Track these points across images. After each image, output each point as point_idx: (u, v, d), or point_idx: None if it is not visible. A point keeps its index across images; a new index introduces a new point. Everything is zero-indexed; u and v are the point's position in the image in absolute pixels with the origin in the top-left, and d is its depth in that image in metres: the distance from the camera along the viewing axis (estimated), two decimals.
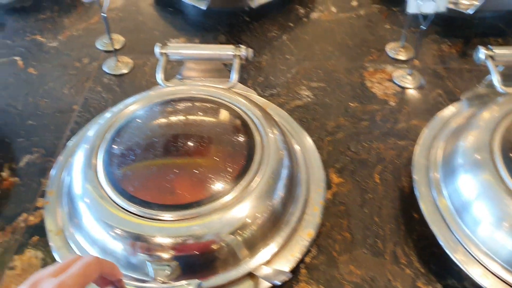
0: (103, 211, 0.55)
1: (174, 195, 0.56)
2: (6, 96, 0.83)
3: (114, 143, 0.61)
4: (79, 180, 0.59)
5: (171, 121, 0.65)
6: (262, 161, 0.59)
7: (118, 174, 0.58)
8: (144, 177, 0.58)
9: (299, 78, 0.85)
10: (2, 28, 0.96)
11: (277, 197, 0.58)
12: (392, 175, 0.71)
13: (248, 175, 0.57)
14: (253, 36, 0.94)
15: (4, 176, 0.71)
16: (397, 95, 0.82)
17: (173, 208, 0.55)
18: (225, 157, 0.60)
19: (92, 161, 0.60)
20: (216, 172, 0.57)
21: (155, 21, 0.98)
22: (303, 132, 0.72)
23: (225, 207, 0.55)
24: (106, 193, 0.56)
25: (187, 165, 0.59)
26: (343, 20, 0.97)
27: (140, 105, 0.66)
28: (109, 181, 0.57)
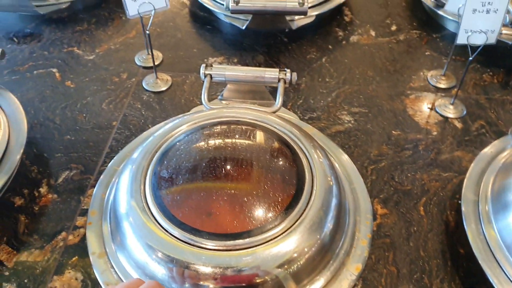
0: (148, 233, 0.54)
1: (221, 223, 0.55)
2: (44, 108, 0.82)
3: (161, 166, 0.60)
4: (125, 200, 0.58)
5: (218, 145, 0.63)
6: (312, 191, 0.57)
7: (165, 197, 0.57)
8: (191, 202, 0.57)
9: (340, 102, 0.84)
10: (39, 39, 0.96)
11: (327, 229, 0.56)
12: (437, 207, 0.69)
13: (298, 205, 0.55)
14: (291, 58, 0.93)
15: (43, 192, 0.70)
16: (440, 125, 0.81)
17: (219, 236, 0.53)
18: (274, 185, 0.58)
19: (140, 182, 0.58)
20: (265, 201, 0.56)
21: (193, 39, 0.97)
22: (347, 159, 0.71)
23: (272, 240, 0.53)
24: (153, 215, 0.55)
25: (235, 192, 0.57)
26: (383, 44, 0.96)
27: (186, 127, 0.65)
28: (156, 204, 0.56)
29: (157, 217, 0.55)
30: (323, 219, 0.56)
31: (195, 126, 0.66)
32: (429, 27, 1.00)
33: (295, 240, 0.54)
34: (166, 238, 0.53)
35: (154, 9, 0.77)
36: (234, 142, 0.63)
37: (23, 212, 0.68)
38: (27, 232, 0.65)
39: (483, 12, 0.72)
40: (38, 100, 0.84)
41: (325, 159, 0.63)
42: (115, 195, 0.60)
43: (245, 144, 0.64)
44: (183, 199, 0.57)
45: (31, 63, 0.90)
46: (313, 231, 0.55)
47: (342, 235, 0.59)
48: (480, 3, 0.71)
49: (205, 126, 0.66)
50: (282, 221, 0.54)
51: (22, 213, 0.67)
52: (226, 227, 0.54)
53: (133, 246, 0.55)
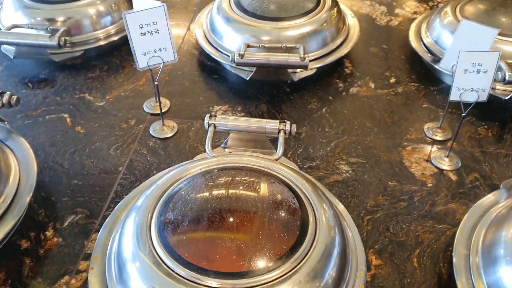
0: (153, 276, 0.55)
1: (224, 264, 0.56)
2: (53, 153, 0.86)
3: (166, 210, 0.62)
4: (130, 244, 0.59)
5: (223, 189, 0.65)
6: (315, 237, 0.59)
7: (170, 241, 0.58)
8: (195, 245, 0.58)
9: (338, 152, 0.87)
10: (53, 84, 1.01)
11: (328, 277, 0.57)
12: (430, 259, 0.71)
13: (299, 250, 0.57)
14: (293, 107, 0.97)
15: (48, 236, 0.73)
16: (435, 177, 0.83)
17: (221, 276, 0.55)
18: (277, 230, 0.59)
19: (145, 226, 0.60)
20: (268, 244, 0.57)
21: (200, 87, 1.02)
22: (343, 210, 0.73)
23: (272, 282, 0.54)
24: (159, 257, 0.56)
25: (240, 235, 0.59)
26: (381, 96, 1.00)
27: (191, 173, 0.68)
28: (162, 247, 0.57)
29: (164, 258, 0.56)
30: (324, 267, 0.57)
31: (200, 172, 0.68)
32: (427, 80, 1.04)
33: (295, 284, 0.54)
34: (171, 281, 0.54)
35: (163, 62, 0.82)
36: (239, 188, 0.65)
37: (28, 255, 0.70)
38: (31, 275, 0.67)
39: (473, 72, 0.75)
40: (49, 144, 0.87)
41: (330, 209, 0.64)
42: (120, 240, 0.63)
43: (249, 190, 0.65)
44: (188, 242, 0.58)
45: (44, 108, 0.95)
46: (313, 278, 0.56)
47: (343, 284, 0.60)
48: (471, 64, 0.75)
49: (209, 171, 0.68)
50: (283, 264, 0.55)
51: (27, 256, 0.70)
52: (229, 268, 0.56)
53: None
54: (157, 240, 0.58)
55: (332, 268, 0.59)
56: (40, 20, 1.04)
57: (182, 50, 1.12)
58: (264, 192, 0.66)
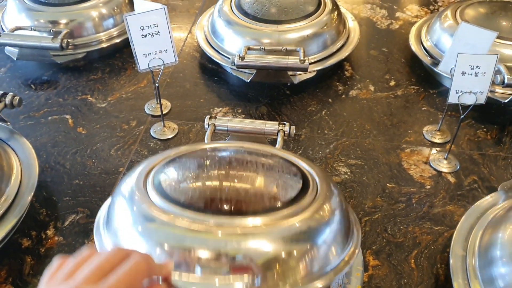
0: None
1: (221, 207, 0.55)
2: (55, 153, 0.87)
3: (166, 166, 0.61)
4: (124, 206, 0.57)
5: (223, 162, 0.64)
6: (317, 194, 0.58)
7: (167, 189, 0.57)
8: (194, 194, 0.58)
9: (337, 154, 0.88)
10: (55, 86, 1.02)
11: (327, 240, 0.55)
12: (427, 261, 0.71)
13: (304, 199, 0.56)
14: (292, 109, 0.98)
15: (49, 234, 0.73)
16: (433, 179, 0.84)
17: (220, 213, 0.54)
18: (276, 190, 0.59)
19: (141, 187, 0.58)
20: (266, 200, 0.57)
21: (201, 89, 1.03)
22: None
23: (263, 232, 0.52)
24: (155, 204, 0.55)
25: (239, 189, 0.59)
26: (381, 99, 1.01)
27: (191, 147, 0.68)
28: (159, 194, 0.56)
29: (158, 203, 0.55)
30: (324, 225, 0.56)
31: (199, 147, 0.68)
32: (427, 83, 1.05)
33: None
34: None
35: (164, 64, 0.83)
36: (239, 157, 0.64)
37: (29, 253, 0.71)
38: (32, 273, 0.68)
39: (471, 75, 0.76)
40: (51, 145, 0.88)
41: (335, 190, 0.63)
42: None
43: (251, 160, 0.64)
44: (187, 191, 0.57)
45: (46, 109, 0.96)
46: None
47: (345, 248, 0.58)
48: (469, 66, 0.75)
49: (208, 148, 0.68)
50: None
51: (28, 254, 0.71)
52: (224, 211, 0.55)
53: None
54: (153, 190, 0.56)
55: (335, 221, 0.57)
56: (43, 22, 1.05)
57: (184, 52, 1.13)
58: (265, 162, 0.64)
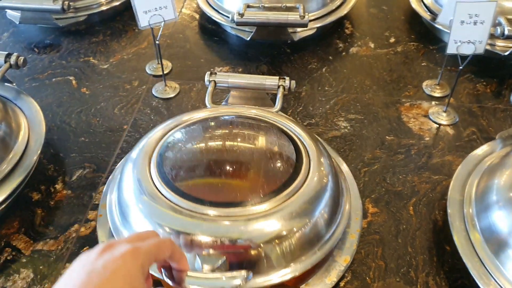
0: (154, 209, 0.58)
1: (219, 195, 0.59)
2: (61, 113, 0.89)
3: (165, 153, 0.64)
4: (130, 186, 0.61)
5: (221, 132, 0.68)
6: (309, 177, 0.60)
7: (170, 175, 0.60)
8: (193, 179, 0.61)
9: (337, 110, 0.89)
10: (58, 49, 1.03)
11: (318, 215, 0.59)
12: (426, 208, 0.73)
13: (293, 186, 0.59)
14: (293, 67, 0.98)
15: (58, 188, 0.76)
16: (432, 131, 0.85)
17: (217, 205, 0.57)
18: (272, 170, 0.62)
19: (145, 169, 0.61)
20: (263, 179, 0.60)
21: (201, 49, 1.03)
22: (340, 161, 0.75)
23: (264, 214, 0.56)
24: (159, 191, 0.59)
25: (235, 172, 0.61)
26: (381, 55, 1.01)
27: (189, 120, 0.70)
28: (162, 181, 0.59)
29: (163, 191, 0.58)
30: (315, 204, 0.59)
31: (199, 119, 0.70)
32: (426, 39, 1.05)
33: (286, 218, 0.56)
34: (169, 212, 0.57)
35: (164, 21, 0.83)
36: (235, 131, 0.67)
37: (40, 206, 0.73)
38: (43, 224, 0.71)
39: (470, 24, 0.76)
40: (56, 105, 0.90)
41: (325, 154, 0.66)
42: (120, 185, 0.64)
43: (245, 134, 0.67)
44: (186, 176, 0.61)
45: (50, 72, 0.97)
46: (305, 214, 0.58)
47: (333, 226, 0.63)
48: (468, 15, 0.76)
49: (206, 119, 0.70)
50: (275, 197, 0.57)
51: (39, 207, 0.73)
52: (224, 198, 0.58)
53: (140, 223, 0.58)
54: (156, 176, 0.60)
55: (323, 209, 0.60)
56: None
57: (183, 14, 1.14)
58: (260, 136, 0.67)
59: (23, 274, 0.65)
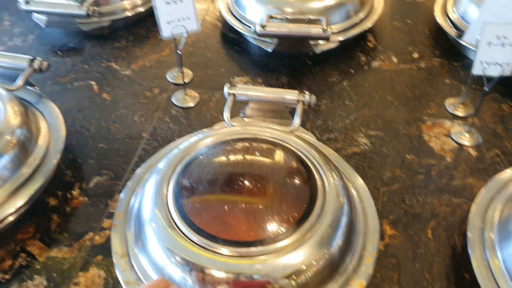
0: (168, 237, 0.59)
1: (235, 232, 0.59)
2: (80, 118, 0.89)
3: (183, 176, 0.65)
4: (149, 206, 0.63)
5: (237, 159, 0.68)
6: (323, 207, 0.61)
7: (186, 205, 0.61)
8: (209, 210, 0.62)
9: (357, 125, 0.88)
10: (81, 53, 1.04)
11: (335, 245, 0.60)
12: (445, 232, 0.72)
13: (308, 220, 0.59)
14: (314, 80, 0.97)
15: (75, 195, 0.76)
16: (454, 152, 0.83)
17: (233, 243, 0.57)
18: (287, 199, 0.62)
19: (163, 190, 0.63)
20: (278, 214, 0.60)
21: (222, 59, 1.03)
22: (359, 180, 0.74)
23: (282, 251, 0.57)
24: (174, 220, 0.60)
25: (251, 203, 0.62)
26: (404, 71, 0.99)
27: (208, 142, 0.70)
28: (177, 210, 0.60)
29: (178, 222, 0.60)
30: (332, 236, 0.60)
31: (217, 141, 0.71)
32: (451, 55, 1.03)
33: (304, 253, 0.57)
34: (184, 243, 0.58)
35: (187, 31, 0.83)
36: (252, 158, 0.68)
37: (56, 211, 0.74)
38: (58, 230, 0.71)
39: (498, 46, 0.74)
40: (76, 109, 0.91)
41: (339, 179, 0.66)
42: (140, 201, 0.66)
43: (262, 160, 0.68)
44: (202, 207, 0.62)
45: (72, 76, 0.98)
46: (322, 246, 0.58)
47: (350, 252, 0.62)
48: (495, 36, 0.74)
49: (226, 141, 0.71)
50: (291, 234, 0.58)
51: (55, 213, 0.74)
52: (240, 236, 0.59)
53: (154, 249, 0.60)
54: (173, 204, 0.61)
55: (340, 237, 0.60)
56: None
57: (206, 22, 1.14)
58: (276, 163, 0.69)
59: (36, 281, 0.65)
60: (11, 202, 0.69)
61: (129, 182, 0.72)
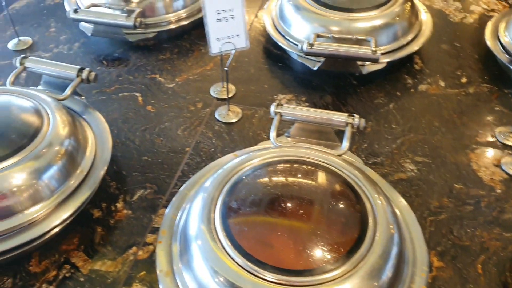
0: (214, 257, 0.58)
1: (283, 258, 0.58)
2: (126, 129, 0.90)
3: (231, 197, 0.64)
4: (196, 225, 0.62)
5: (285, 182, 0.67)
6: (374, 236, 0.59)
7: (233, 227, 0.61)
8: (256, 234, 0.61)
9: (404, 150, 0.86)
10: (126, 64, 1.05)
11: (385, 277, 0.58)
12: (496, 267, 0.69)
13: (359, 250, 0.58)
14: (359, 100, 0.96)
15: (119, 207, 0.76)
16: (504, 183, 0.80)
17: (280, 271, 0.56)
18: (337, 226, 0.61)
19: (210, 210, 0.63)
20: (327, 242, 0.59)
21: (265, 75, 1.03)
22: (408, 208, 0.72)
23: (331, 281, 0.55)
24: (220, 241, 0.59)
25: (299, 229, 0.61)
26: (451, 95, 0.97)
27: (256, 162, 0.69)
28: (224, 231, 0.60)
29: (224, 244, 0.59)
30: (382, 266, 0.58)
31: (264, 162, 0.70)
32: (501, 81, 1.00)
33: (353, 284, 0.55)
34: (230, 265, 0.57)
35: (235, 49, 0.83)
36: (300, 181, 0.67)
37: (100, 223, 0.74)
38: (102, 243, 0.71)
39: None
40: (121, 120, 0.91)
41: (388, 207, 0.65)
42: (187, 219, 0.65)
43: (311, 184, 0.67)
44: (250, 230, 0.61)
45: (117, 86, 0.99)
46: (372, 277, 0.57)
47: (399, 284, 0.61)
48: None
49: (273, 163, 0.70)
50: (343, 264, 0.56)
51: (99, 225, 0.74)
52: (288, 263, 0.58)
53: (199, 267, 0.60)
54: (220, 225, 0.61)
55: (390, 268, 0.59)
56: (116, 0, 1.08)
57: (249, 36, 1.13)
58: (325, 187, 0.68)
59: None
60: (57, 213, 0.69)
61: (174, 198, 0.72)
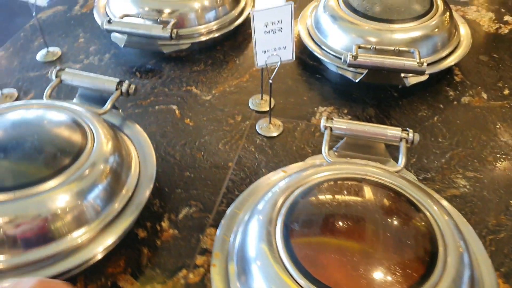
0: (278, 281, 0.55)
1: (350, 284, 0.55)
2: (165, 143, 0.87)
3: (291, 217, 0.61)
4: (254, 245, 0.60)
5: (347, 201, 0.64)
6: (446, 260, 0.56)
7: (296, 249, 0.58)
8: (323, 259, 0.58)
9: (454, 165, 0.83)
10: (160, 75, 1.02)
11: None
12: None
13: (432, 277, 0.55)
14: (402, 113, 0.93)
15: (164, 227, 0.73)
16: None
17: None
18: (405, 250, 0.58)
19: (269, 231, 0.60)
20: (398, 267, 0.56)
21: (303, 86, 1.00)
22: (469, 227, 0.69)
23: None
24: (284, 264, 0.56)
25: (367, 253, 0.58)
26: (495, 108, 0.95)
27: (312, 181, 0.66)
28: (287, 254, 0.57)
29: (288, 267, 0.56)
30: None
31: (321, 180, 0.67)
32: None
33: None
34: (292, 286, 0.54)
35: (281, 61, 0.81)
36: (363, 201, 0.64)
37: (146, 244, 0.71)
38: (149, 266, 0.68)
39: None
40: (160, 134, 0.88)
41: (454, 227, 0.62)
42: (244, 240, 0.62)
43: (374, 203, 0.64)
44: (315, 254, 0.58)
45: (153, 98, 0.96)
46: None
47: None
48: None
49: (331, 181, 0.67)
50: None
51: (145, 246, 0.71)
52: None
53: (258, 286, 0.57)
54: (282, 247, 0.58)
55: None
56: (148, 11, 1.05)
57: None
58: (389, 208, 0.64)
59: None
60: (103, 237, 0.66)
61: (223, 219, 0.69)
